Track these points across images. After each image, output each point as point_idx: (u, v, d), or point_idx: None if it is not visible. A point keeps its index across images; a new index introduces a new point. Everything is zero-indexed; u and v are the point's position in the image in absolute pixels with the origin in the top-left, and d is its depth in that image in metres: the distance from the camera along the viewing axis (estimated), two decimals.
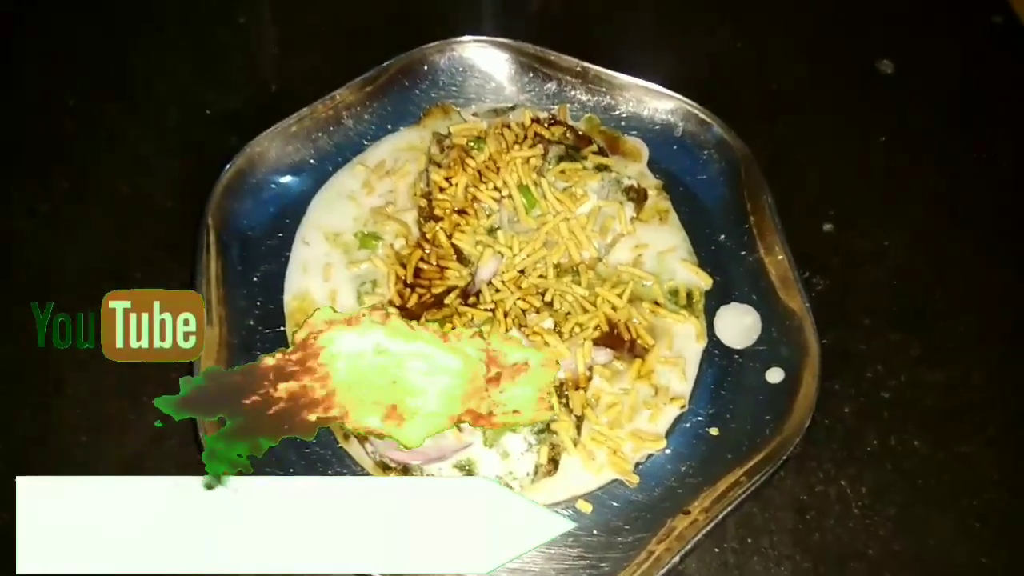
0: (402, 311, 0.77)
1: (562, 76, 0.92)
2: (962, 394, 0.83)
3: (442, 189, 0.83)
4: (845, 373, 0.82)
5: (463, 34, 0.93)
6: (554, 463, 0.73)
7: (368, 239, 0.84)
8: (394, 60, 0.90)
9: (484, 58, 0.93)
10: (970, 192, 0.94)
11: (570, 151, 0.86)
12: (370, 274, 0.83)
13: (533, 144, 0.85)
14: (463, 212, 0.83)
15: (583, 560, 0.72)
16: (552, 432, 0.72)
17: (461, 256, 0.81)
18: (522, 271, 0.80)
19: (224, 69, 0.99)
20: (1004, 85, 1.02)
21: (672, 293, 0.83)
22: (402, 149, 0.90)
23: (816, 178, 0.94)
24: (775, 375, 0.79)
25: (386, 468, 0.73)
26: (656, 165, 0.90)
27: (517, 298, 0.79)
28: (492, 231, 0.82)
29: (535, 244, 0.81)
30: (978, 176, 0.95)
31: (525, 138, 0.86)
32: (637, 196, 0.85)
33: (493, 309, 0.78)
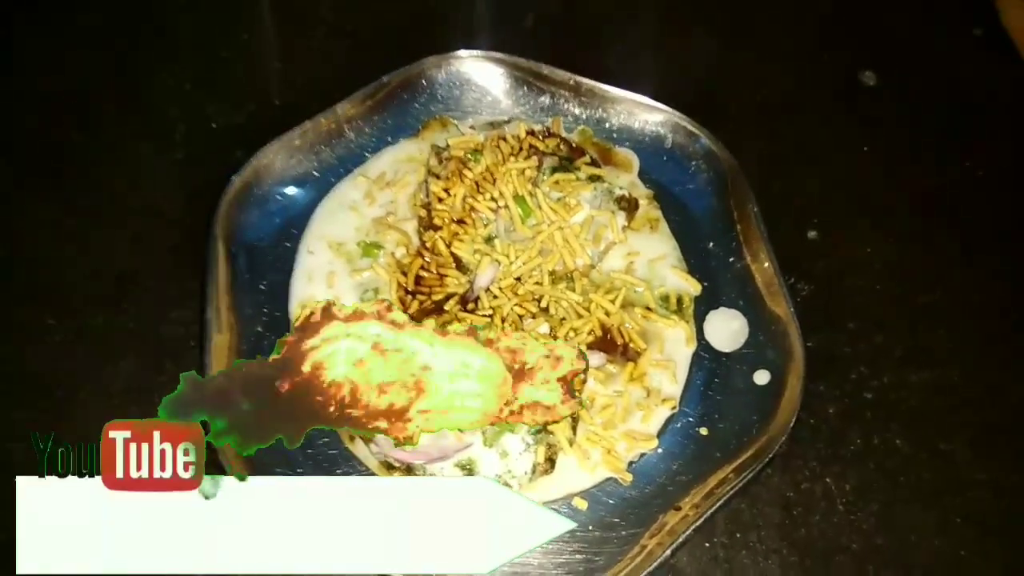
0: None
1: (555, 90, 0.92)
2: (944, 395, 0.84)
3: (441, 199, 0.84)
4: (830, 375, 0.83)
5: (459, 49, 0.93)
6: (551, 462, 0.74)
7: (370, 248, 0.85)
8: (394, 74, 0.90)
9: (480, 72, 0.93)
10: (950, 200, 0.95)
11: (564, 162, 0.86)
12: (372, 282, 0.83)
13: (528, 156, 0.86)
14: (461, 222, 0.83)
15: (580, 555, 0.72)
16: (549, 432, 0.73)
17: (460, 264, 0.82)
18: (518, 278, 0.81)
19: (229, 85, 0.99)
20: (984, 96, 1.03)
21: (663, 299, 0.84)
22: (402, 161, 0.90)
23: (801, 187, 0.95)
24: (762, 377, 0.80)
25: (390, 468, 0.74)
26: (647, 175, 0.90)
27: (514, 304, 0.79)
28: (489, 240, 0.83)
29: (531, 252, 0.81)
30: (958, 184, 0.96)
31: (520, 150, 0.86)
32: (629, 205, 0.85)
33: (491, 315, 0.78)
